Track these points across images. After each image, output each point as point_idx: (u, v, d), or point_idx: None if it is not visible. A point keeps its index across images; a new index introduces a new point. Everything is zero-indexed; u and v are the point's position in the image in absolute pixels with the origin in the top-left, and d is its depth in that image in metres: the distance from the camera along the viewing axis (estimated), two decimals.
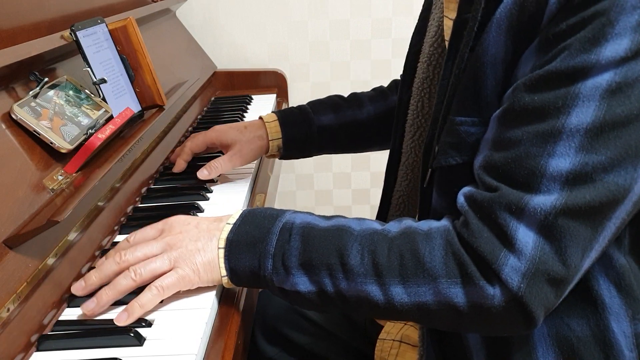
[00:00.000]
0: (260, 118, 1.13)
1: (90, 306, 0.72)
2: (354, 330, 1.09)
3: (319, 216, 0.74)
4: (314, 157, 1.20)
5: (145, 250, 0.73)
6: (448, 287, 0.64)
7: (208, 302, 0.74)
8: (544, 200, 0.61)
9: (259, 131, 1.10)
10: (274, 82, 1.82)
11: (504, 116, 0.65)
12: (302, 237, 0.69)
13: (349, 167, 2.03)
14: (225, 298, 0.78)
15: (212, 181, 1.10)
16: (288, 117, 1.12)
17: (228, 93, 1.77)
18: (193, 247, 0.73)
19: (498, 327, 0.66)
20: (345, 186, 2.05)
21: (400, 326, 0.97)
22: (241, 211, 0.75)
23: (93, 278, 0.74)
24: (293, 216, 0.73)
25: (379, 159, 2.01)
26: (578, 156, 0.60)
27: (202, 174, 1.06)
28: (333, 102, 1.15)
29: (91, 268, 0.83)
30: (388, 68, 1.93)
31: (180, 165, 1.12)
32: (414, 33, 0.96)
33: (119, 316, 0.70)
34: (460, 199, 0.68)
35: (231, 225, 0.73)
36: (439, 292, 0.65)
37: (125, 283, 0.71)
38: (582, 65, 0.59)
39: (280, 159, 1.15)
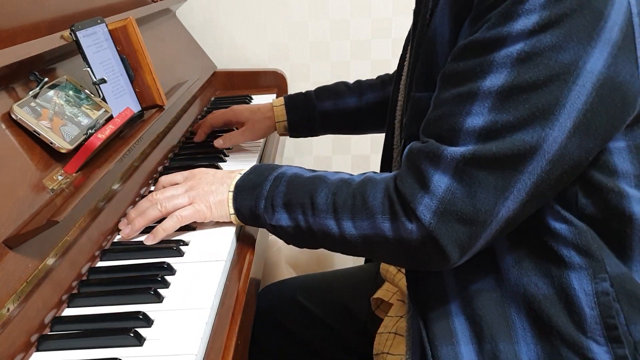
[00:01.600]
0: (271, 102, 1.29)
1: (126, 231, 0.90)
2: (354, 326, 1.10)
3: (309, 170, 0.87)
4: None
5: (172, 191, 0.90)
6: (382, 222, 0.76)
7: (208, 302, 0.74)
8: (457, 150, 0.71)
9: (268, 113, 1.27)
10: (274, 82, 1.81)
11: (439, 80, 0.76)
12: (288, 183, 0.83)
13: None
14: (225, 298, 0.78)
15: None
16: (293, 101, 1.27)
17: (228, 93, 1.77)
18: (208, 189, 0.89)
19: (420, 260, 0.76)
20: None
21: (397, 319, 0.99)
22: (252, 166, 0.90)
23: (132, 214, 0.91)
24: (287, 168, 0.87)
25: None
26: (490, 115, 0.69)
27: (218, 142, 1.23)
28: (337, 89, 1.27)
29: (91, 268, 0.83)
30: (388, 68, 1.92)
31: (200, 136, 1.29)
32: (406, 37, 1.04)
33: (147, 238, 0.88)
34: (404, 152, 0.78)
35: (240, 175, 0.89)
36: (376, 226, 0.76)
37: (153, 213, 0.89)
38: (497, 37, 0.68)
39: (290, 137, 1.30)
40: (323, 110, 1.25)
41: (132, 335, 0.68)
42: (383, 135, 1.11)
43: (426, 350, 0.81)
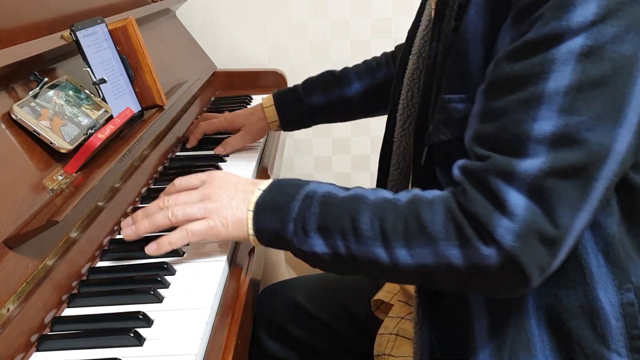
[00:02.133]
0: (261, 103, 1.29)
1: (128, 232, 0.84)
2: (354, 327, 1.10)
3: (341, 187, 0.78)
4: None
5: (186, 198, 0.82)
6: (446, 249, 0.67)
7: (208, 302, 0.74)
8: (531, 164, 0.64)
9: (260, 114, 1.27)
10: (274, 82, 1.81)
11: (488, 89, 0.69)
12: (321, 204, 0.74)
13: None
14: (225, 298, 0.78)
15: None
16: (282, 99, 1.27)
17: (228, 93, 1.77)
18: (227, 203, 0.80)
19: (495, 287, 0.70)
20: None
21: (398, 320, 0.99)
22: (272, 180, 0.82)
23: (139, 215, 0.84)
24: (316, 186, 0.78)
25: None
26: (560, 118, 0.63)
27: (219, 150, 1.23)
28: (324, 81, 1.27)
29: (91, 268, 0.83)
30: None
31: (192, 142, 1.29)
32: (409, 30, 1.01)
33: (150, 246, 0.81)
34: (455, 171, 0.71)
35: (261, 192, 0.79)
36: (439, 253, 0.68)
37: (161, 220, 0.81)
38: (555, 32, 0.63)
39: (283, 130, 1.32)
40: (312, 105, 1.25)
41: (132, 335, 0.68)
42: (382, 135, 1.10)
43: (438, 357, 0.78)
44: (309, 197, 0.76)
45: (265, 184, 0.80)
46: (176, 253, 0.85)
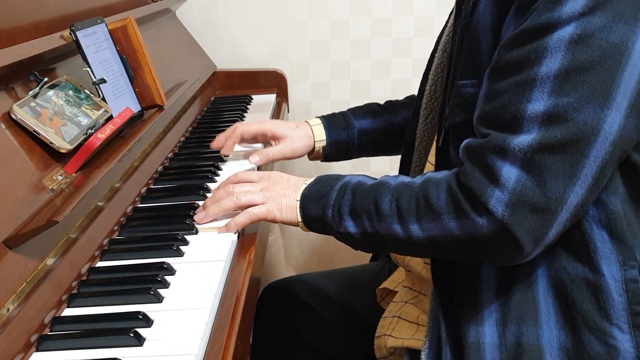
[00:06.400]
0: (306, 122, 1.22)
1: (200, 215, 0.94)
2: (356, 325, 1.12)
3: (371, 177, 0.88)
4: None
5: (248, 187, 0.93)
6: (448, 222, 0.76)
7: (208, 302, 0.74)
8: (524, 139, 0.71)
9: (308, 131, 1.20)
10: (274, 82, 1.81)
11: (491, 73, 0.77)
12: (352, 192, 0.85)
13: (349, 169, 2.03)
14: (225, 298, 0.78)
15: (213, 180, 1.11)
16: (331, 120, 1.22)
17: (228, 93, 1.77)
18: (282, 193, 0.91)
19: (493, 254, 0.76)
20: None
21: (402, 304, 1.01)
22: (317, 176, 0.92)
23: (208, 201, 0.95)
24: (350, 177, 0.88)
25: (378, 164, 2.01)
26: (550, 99, 0.70)
27: (254, 159, 1.15)
28: (371, 109, 1.25)
29: (91, 268, 0.83)
30: (388, 68, 1.93)
31: (229, 148, 1.19)
32: (443, 27, 1.05)
33: (221, 229, 0.91)
34: (461, 150, 0.78)
35: (306, 185, 0.90)
36: (443, 226, 0.77)
37: (228, 203, 0.92)
38: (547, 22, 0.70)
39: (322, 160, 1.24)
40: (361, 128, 1.22)
41: (132, 335, 0.68)
42: None
43: (446, 328, 0.83)
44: (343, 187, 0.86)
45: (310, 179, 0.92)
46: (176, 253, 0.85)
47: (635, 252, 0.76)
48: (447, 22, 1.03)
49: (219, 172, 1.16)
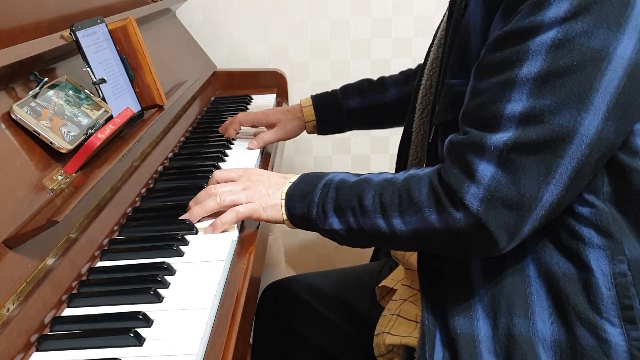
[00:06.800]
0: (299, 103, 1.32)
1: (184, 217, 0.94)
2: (357, 324, 1.12)
3: (354, 174, 0.90)
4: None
5: (230, 187, 0.94)
6: (429, 215, 0.79)
7: (208, 302, 0.74)
8: (500, 137, 0.73)
9: (298, 113, 1.31)
10: (274, 82, 1.81)
11: (476, 71, 0.79)
12: (336, 189, 0.86)
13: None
14: (225, 298, 0.78)
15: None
16: (320, 101, 1.31)
17: (228, 93, 1.77)
18: (264, 192, 0.92)
19: (469, 247, 0.79)
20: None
21: (401, 302, 1.02)
22: (300, 174, 0.94)
23: (191, 204, 0.96)
24: (333, 175, 0.90)
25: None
26: (529, 100, 0.72)
27: (252, 144, 1.26)
28: (361, 87, 1.30)
29: (91, 268, 0.83)
30: (388, 68, 1.93)
31: (231, 133, 1.31)
32: (438, 25, 1.06)
33: (206, 230, 0.91)
34: (445, 145, 0.81)
35: (290, 183, 0.91)
36: (424, 219, 0.79)
37: (211, 204, 0.93)
38: (531, 25, 0.72)
39: (318, 134, 1.34)
40: (349, 108, 1.28)
41: (132, 335, 0.68)
42: (382, 134, 1.13)
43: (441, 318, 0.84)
44: (327, 184, 0.87)
45: (294, 177, 0.93)
46: (176, 253, 0.85)
47: (624, 247, 0.77)
48: (443, 17, 1.03)
49: (226, 158, 1.18)
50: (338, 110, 1.29)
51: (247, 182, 0.94)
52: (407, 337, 0.95)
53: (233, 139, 1.31)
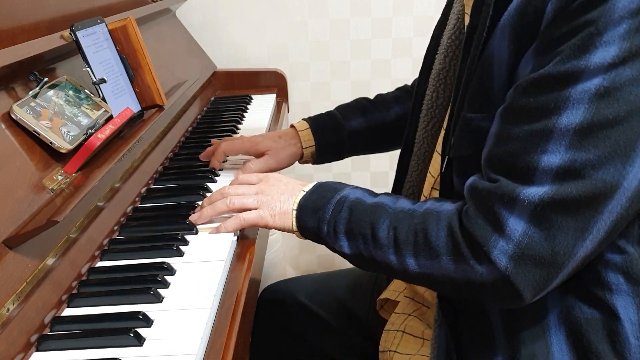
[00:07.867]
0: (292, 127, 1.17)
1: (194, 217, 0.93)
2: (355, 326, 1.11)
3: (370, 193, 0.85)
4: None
5: (244, 190, 0.92)
6: (446, 264, 0.73)
7: (208, 302, 0.74)
8: (535, 192, 0.67)
9: (292, 139, 1.15)
10: (274, 81, 1.81)
11: (505, 113, 0.72)
12: (350, 209, 0.82)
13: (349, 168, 2.03)
14: (225, 298, 0.78)
15: (213, 180, 1.11)
16: (319, 124, 1.17)
17: (228, 93, 1.77)
18: (277, 197, 0.89)
19: (490, 300, 0.76)
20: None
21: (405, 317, 1.00)
22: (316, 182, 0.89)
23: (204, 202, 0.95)
24: (349, 191, 0.85)
25: (379, 159, 2.01)
26: (568, 153, 0.66)
27: (237, 174, 1.11)
28: (361, 106, 1.20)
29: (91, 268, 0.83)
30: (388, 68, 1.93)
31: (215, 165, 1.15)
32: (435, 27, 1.02)
33: (211, 232, 0.90)
34: (466, 188, 0.75)
35: (305, 193, 0.87)
36: (440, 266, 0.74)
37: (221, 206, 0.91)
38: (572, 71, 0.65)
39: (313, 164, 1.20)
40: (352, 130, 1.17)
41: (131, 335, 0.68)
42: None
43: None
44: (341, 201, 0.83)
45: (309, 186, 0.89)
46: (176, 253, 0.85)
47: None
48: (440, 19, 1.00)
49: (219, 172, 1.15)
50: (339, 133, 1.16)
51: (264, 186, 0.91)
52: (415, 355, 0.93)
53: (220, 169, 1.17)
